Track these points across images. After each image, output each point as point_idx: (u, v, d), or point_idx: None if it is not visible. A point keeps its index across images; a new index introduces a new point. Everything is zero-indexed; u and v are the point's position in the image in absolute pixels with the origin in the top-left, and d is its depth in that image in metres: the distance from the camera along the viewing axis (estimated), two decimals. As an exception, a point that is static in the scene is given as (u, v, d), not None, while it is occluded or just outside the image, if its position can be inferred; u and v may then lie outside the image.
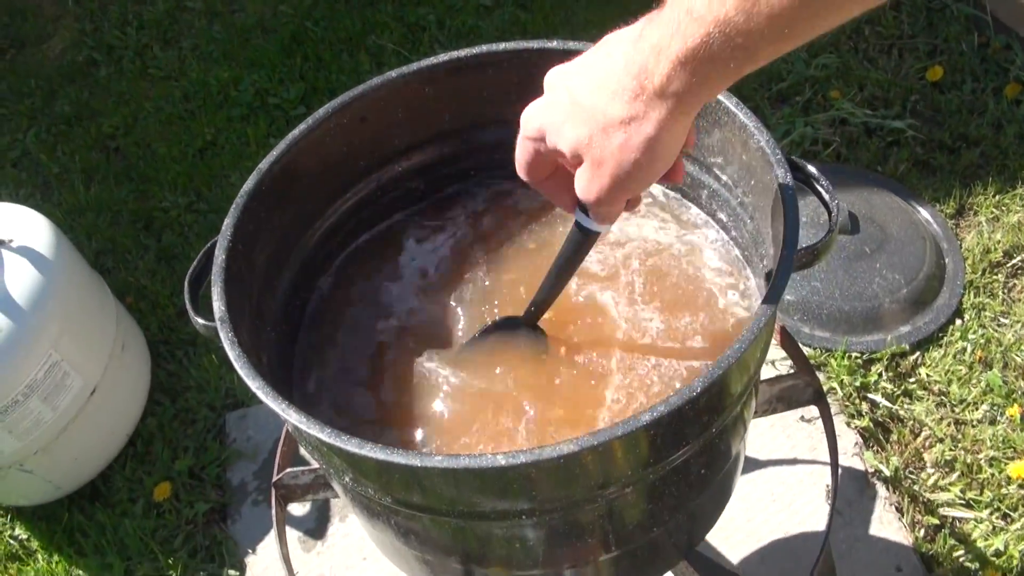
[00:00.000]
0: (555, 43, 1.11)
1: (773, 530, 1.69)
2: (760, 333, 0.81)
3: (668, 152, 0.75)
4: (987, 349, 1.92)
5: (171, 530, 1.91)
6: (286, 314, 1.12)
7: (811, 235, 1.99)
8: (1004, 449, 1.78)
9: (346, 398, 1.08)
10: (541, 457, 0.75)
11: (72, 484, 1.96)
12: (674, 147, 0.75)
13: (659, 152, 0.74)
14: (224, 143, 2.68)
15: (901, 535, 1.68)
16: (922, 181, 2.24)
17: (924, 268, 2.01)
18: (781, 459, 1.78)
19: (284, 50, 2.92)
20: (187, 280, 1.03)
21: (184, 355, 2.19)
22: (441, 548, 0.99)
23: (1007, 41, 2.44)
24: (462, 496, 0.84)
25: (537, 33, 2.73)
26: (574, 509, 0.87)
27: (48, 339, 1.75)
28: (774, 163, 0.93)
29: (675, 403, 0.76)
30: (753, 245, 1.07)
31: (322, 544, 1.81)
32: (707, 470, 0.97)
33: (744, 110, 0.98)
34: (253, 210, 1.03)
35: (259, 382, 0.85)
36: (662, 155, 0.75)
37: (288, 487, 1.29)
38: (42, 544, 1.95)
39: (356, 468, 0.87)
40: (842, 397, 1.87)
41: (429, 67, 1.13)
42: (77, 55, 3.11)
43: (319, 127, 1.10)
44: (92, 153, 2.75)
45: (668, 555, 1.10)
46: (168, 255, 2.41)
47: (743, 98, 2.56)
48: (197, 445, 2.03)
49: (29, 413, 1.76)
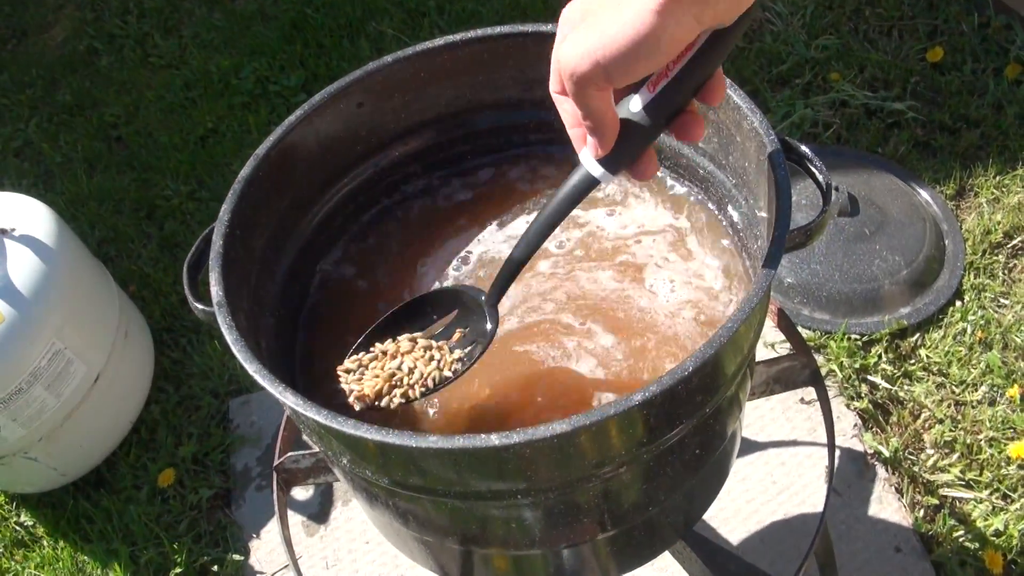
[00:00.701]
0: (550, 27, 1.12)
1: (773, 511, 1.70)
2: (752, 313, 0.81)
3: (658, 42, 0.69)
4: (987, 330, 1.92)
5: (176, 516, 1.93)
6: (284, 299, 1.12)
7: (811, 217, 1.99)
8: (1004, 430, 1.79)
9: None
10: (535, 436, 0.75)
11: (77, 471, 1.98)
12: (666, 42, 0.69)
13: (650, 34, 0.68)
14: (225, 131, 2.68)
15: (900, 516, 1.69)
16: (922, 162, 2.23)
17: (924, 249, 2.01)
18: (781, 440, 1.79)
19: (284, 37, 2.92)
20: (185, 266, 1.04)
21: (187, 342, 2.20)
22: (439, 529, 1.00)
23: (1007, 21, 2.44)
24: (458, 476, 0.85)
25: (537, 17, 2.73)
26: (570, 489, 0.88)
27: (51, 327, 1.76)
28: (767, 144, 0.93)
29: (667, 383, 0.76)
30: (748, 227, 1.08)
31: (325, 528, 1.83)
32: (702, 450, 0.98)
33: (738, 91, 0.98)
34: (250, 196, 1.04)
35: (256, 365, 0.85)
36: (651, 40, 0.69)
37: (290, 471, 1.30)
38: (47, 531, 1.97)
39: (353, 450, 0.88)
40: (842, 379, 1.88)
41: (425, 51, 1.14)
42: (78, 44, 3.12)
43: (316, 113, 1.10)
44: (94, 142, 2.76)
45: (665, 535, 1.11)
46: (170, 243, 2.42)
47: (742, 81, 2.55)
48: (201, 431, 2.04)
49: (33, 401, 1.78)
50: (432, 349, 0.99)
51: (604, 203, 1.20)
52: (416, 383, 0.97)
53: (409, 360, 0.98)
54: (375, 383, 0.97)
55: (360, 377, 0.98)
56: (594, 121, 0.78)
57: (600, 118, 0.77)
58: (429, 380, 0.97)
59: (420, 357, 0.98)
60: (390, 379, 0.97)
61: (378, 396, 0.97)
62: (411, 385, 0.97)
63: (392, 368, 0.98)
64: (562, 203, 0.88)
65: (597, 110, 0.76)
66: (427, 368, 0.98)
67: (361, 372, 0.99)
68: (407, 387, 0.97)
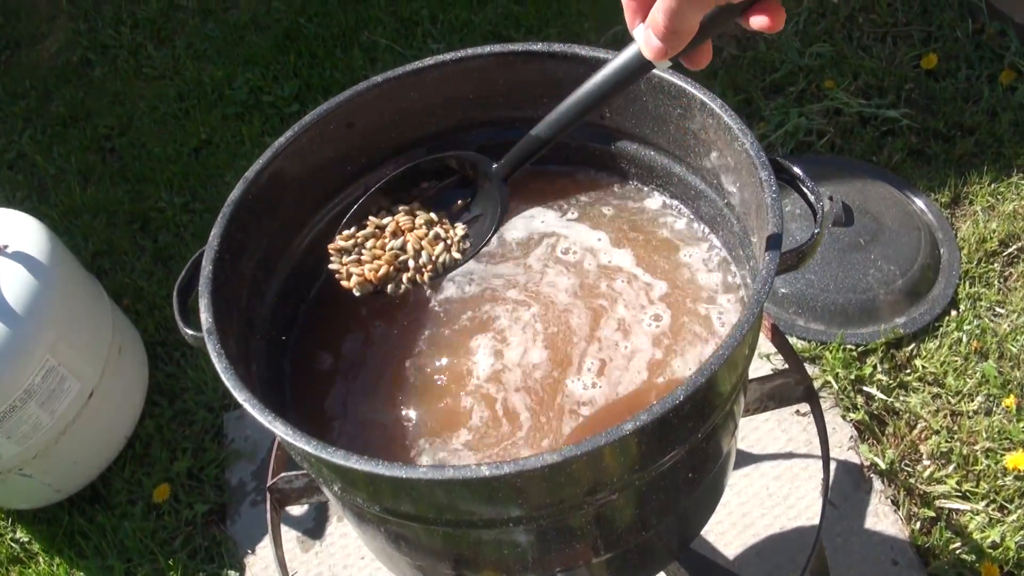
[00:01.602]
0: (540, 46, 1.11)
1: (769, 525, 1.70)
2: (744, 338, 0.81)
3: None
4: (983, 339, 1.92)
5: (171, 531, 1.92)
6: (275, 322, 1.12)
7: (804, 227, 1.99)
8: (1000, 440, 1.78)
9: (338, 402, 1.08)
10: (525, 467, 0.75)
11: (72, 487, 1.97)
12: None
13: None
14: (219, 142, 2.68)
15: (897, 528, 1.69)
16: (917, 170, 2.23)
17: (919, 259, 2.01)
18: (776, 453, 1.79)
19: (278, 47, 2.91)
20: (175, 290, 1.03)
21: (181, 356, 2.19)
22: (432, 554, 0.99)
23: (1001, 27, 2.44)
24: (449, 505, 0.84)
25: (530, 26, 2.73)
26: (562, 515, 0.88)
27: (45, 345, 1.76)
28: (758, 165, 0.93)
29: (658, 411, 0.76)
30: (740, 245, 1.07)
31: (320, 544, 1.82)
32: (696, 472, 0.98)
33: (728, 112, 0.98)
34: (240, 219, 1.03)
35: (246, 394, 0.85)
36: None
37: (283, 491, 1.30)
38: (43, 547, 1.96)
39: (344, 479, 0.87)
40: (837, 390, 1.87)
41: (416, 71, 1.13)
42: (72, 55, 3.11)
43: (305, 133, 1.10)
44: (88, 154, 2.75)
45: (660, 556, 1.10)
46: (164, 256, 2.41)
47: (736, 89, 2.54)
48: (195, 446, 2.04)
49: (27, 418, 1.77)
50: (435, 225, 0.90)
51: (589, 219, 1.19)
52: (425, 266, 0.89)
53: (413, 239, 0.89)
54: (378, 266, 0.88)
55: (359, 258, 0.90)
56: (675, 28, 0.74)
57: (683, 29, 0.74)
58: (439, 264, 0.89)
59: (424, 236, 0.90)
60: (394, 261, 0.89)
61: (382, 281, 0.89)
62: (419, 269, 0.89)
63: (395, 248, 0.89)
64: (605, 81, 0.81)
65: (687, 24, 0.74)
66: (435, 250, 0.90)
67: (359, 252, 0.90)
68: (414, 271, 0.89)
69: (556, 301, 1.12)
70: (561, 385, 1.04)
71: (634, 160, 1.18)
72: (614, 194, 1.22)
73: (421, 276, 0.89)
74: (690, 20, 0.73)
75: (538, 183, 1.24)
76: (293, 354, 1.15)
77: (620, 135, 1.17)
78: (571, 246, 1.17)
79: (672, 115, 1.07)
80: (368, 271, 0.89)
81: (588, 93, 0.82)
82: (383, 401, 1.06)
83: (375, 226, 0.91)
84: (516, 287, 1.14)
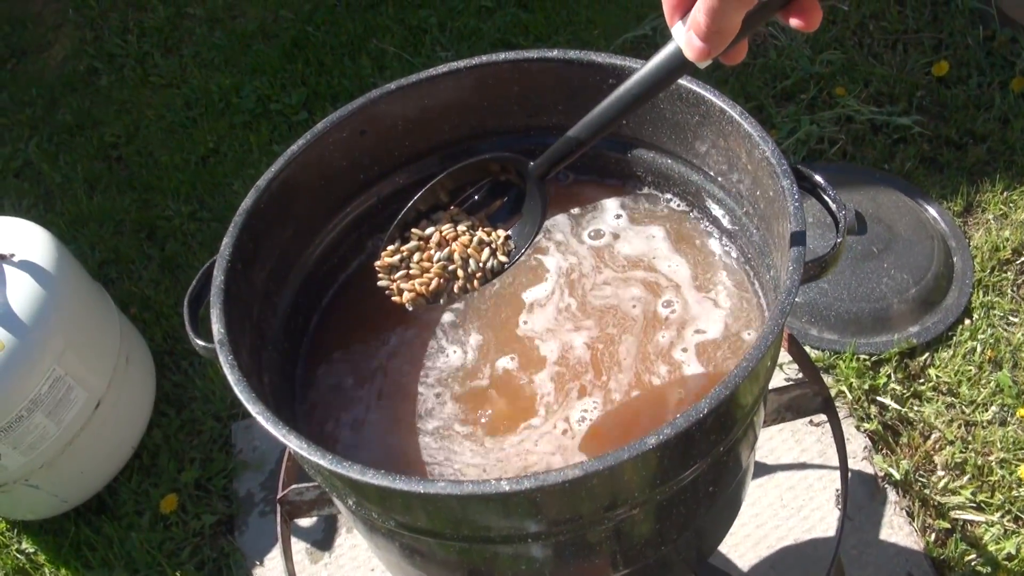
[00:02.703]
0: (555, 52, 1.10)
1: (783, 536, 1.68)
2: (767, 350, 0.79)
3: None
4: (997, 349, 1.90)
5: (178, 543, 1.90)
6: (287, 333, 1.10)
7: (817, 235, 1.97)
8: (1015, 451, 1.76)
9: (351, 414, 1.07)
10: (546, 483, 0.73)
11: (78, 498, 1.95)
12: None
13: None
14: (227, 150, 2.67)
15: (912, 540, 1.67)
16: (929, 178, 2.22)
17: (932, 267, 1.99)
18: (790, 464, 1.77)
19: (285, 55, 2.90)
20: (186, 300, 1.02)
21: (189, 365, 2.18)
22: (446, 568, 0.98)
23: (1013, 34, 2.42)
24: (466, 520, 0.83)
25: (539, 34, 2.71)
26: (580, 531, 0.86)
27: (51, 354, 1.74)
28: (780, 174, 0.91)
29: (682, 425, 0.75)
30: (759, 255, 1.06)
31: (329, 556, 1.80)
32: (716, 486, 0.96)
33: (749, 119, 0.97)
34: (252, 228, 1.02)
35: (259, 407, 0.84)
36: None
37: (293, 503, 1.28)
38: (49, 558, 1.94)
39: (358, 493, 0.86)
40: (851, 400, 1.85)
41: (429, 78, 1.12)
42: (78, 64, 3.10)
43: (318, 142, 1.09)
44: (94, 162, 2.75)
45: (678, 571, 1.08)
46: (172, 264, 2.40)
47: (747, 97, 2.53)
48: (203, 456, 2.02)
49: (34, 428, 1.75)
50: (478, 230, 0.91)
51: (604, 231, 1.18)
52: (475, 275, 0.91)
53: (459, 248, 0.90)
54: (429, 280, 0.89)
55: (407, 273, 0.91)
56: (718, 27, 0.73)
57: (726, 28, 0.73)
58: (487, 271, 0.90)
59: (469, 243, 0.91)
60: (443, 272, 0.90)
61: (434, 294, 0.91)
62: (468, 278, 0.90)
63: (442, 259, 0.91)
64: (643, 81, 0.80)
65: (730, 23, 0.73)
66: (482, 256, 0.91)
67: (406, 267, 0.92)
68: (464, 280, 0.91)
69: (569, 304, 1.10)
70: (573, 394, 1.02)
71: (651, 168, 1.17)
72: (629, 202, 1.20)
73: (471, 284, 0.90)
74: (732, 19, 0.72)
75: (554, 190, 1.22)
76: (305, 365, 1.13)
77: (637, 143, 1.15)
78: (588, 251, 1.16)
79: (690, 123, 1.06)
80: (419, 285, 0.90)
81: (626, 93, 0.81)
82: (399, 413, 1.05)
83: (419, 238, 0.92)
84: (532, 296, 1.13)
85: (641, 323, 1.08)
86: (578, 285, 1.13)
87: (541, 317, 1.10)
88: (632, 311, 1.09)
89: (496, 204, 0.93)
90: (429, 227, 0.93)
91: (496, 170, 0.94)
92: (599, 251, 1.16)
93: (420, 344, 1.12)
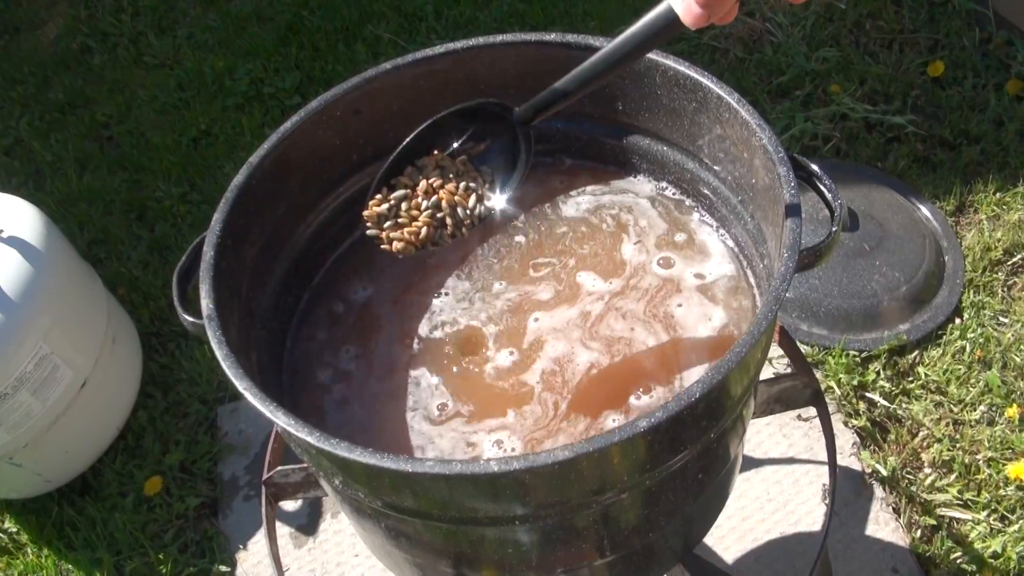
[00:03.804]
0: (553, 36, 1.09)
1: (769, 530, 1.68)
2: (760, 337, 0.79)
3: None
4: (986, 348, 1.90)
5: (161, 525, 1.89)
6: (277, 311, 1.10)
7: (808, 230, 1.97)
8: (1002, 450, 1.77)
9: (339, 394, 1.06)
10: (535, 463, 0.73)
11: (62, 478, 1.94)
12: None
13: None
14: (219, 133, 2.65)
15: (898, 536, 1.67)
16: (922, 178, 2.22)
17: (924, 266, 1.99)
18: (778, 458, 1.77)
19: (280, 39, 2.89)
20: (175, 276, 1.01)
21: (176, 347, 2.17)
22: (432, 551, 0.97)
23: (1009, 37, 2.42)
24: (454, 501, 0.82)
25: (536, 25, 2.71)
26: (568, 514, 0.85)
27: (38, 332, 1.73)
28: (776, 162, 0.91)
29: (673, 409, 0.74)
30: (754, 244, 1.05)
31: (314, 540, 1.79)
32: (705, 474, 0.95)
33: (747, 107, 0.96)
34: (243, 205, 1.01)
35: (247, 383, 0.83)
36: None
37: (278, 485, 1.27)
38: (31, 538, 1.93)
39: (346, 471, 0.85)
40: (840, 396, 1.85)
41: (425, 59, 1.11)
42: (71, 42, 3.08)
43: (311, 120, 1.08)
44: (85, 142, 2.73)
45: (665, 558, 1.08)
46: (161, 246, 2.39)
47: (742, 92, 2.54)
48: (188, 439, 2.01)
49: (19, 406, 1.74)
50: (464, 176, 0.94)
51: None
52: (463, 221, 0.93)
53: (446, 195, 0.93)
54: (418, 228, 0.92)
55: (396, 222, 0.93)
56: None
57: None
58: (475, 216, 0.94)
59: (456, 191, 0.94)
60: (431, 219, 0.93)
61: (424, 242, 0.93)
62: (457, 225, 0.93)
63: (430, 207, 0.93)
64: (632, 39, 0.79)
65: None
66: (469, 202, 0.94)
67: (394, 215, 0.94)
68: (453, 227, 0.93)
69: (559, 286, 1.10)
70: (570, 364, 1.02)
71: (646, 155, 1.16)
72: (623, 188, 1.20)
73: (460, 230, 0.92)
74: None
75: (548, 174, 1.22)
76: (295, 344, 1.13)
77: (632, 129, 1.15)
78: (581, 236, 1.15)
79: (687, 109, 1.05)
80: (408, 234, 0.92)
81: (615, 50, 0.80)
82: (387, 392, 1.04)
83: (405, 186, 0.93)
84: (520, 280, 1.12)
85: (633, 311, 1.07)
86: (564, 272, 1.12)
87: (542, 317, 1.09)
88: (626, 304, 1.09)
89: (479, 147, 0.95)
90: (416, 174, 0.94)
91: (481, 116, 0.95)
92: (587, 236, 1.15)
93: (411, 324, 1.11)
